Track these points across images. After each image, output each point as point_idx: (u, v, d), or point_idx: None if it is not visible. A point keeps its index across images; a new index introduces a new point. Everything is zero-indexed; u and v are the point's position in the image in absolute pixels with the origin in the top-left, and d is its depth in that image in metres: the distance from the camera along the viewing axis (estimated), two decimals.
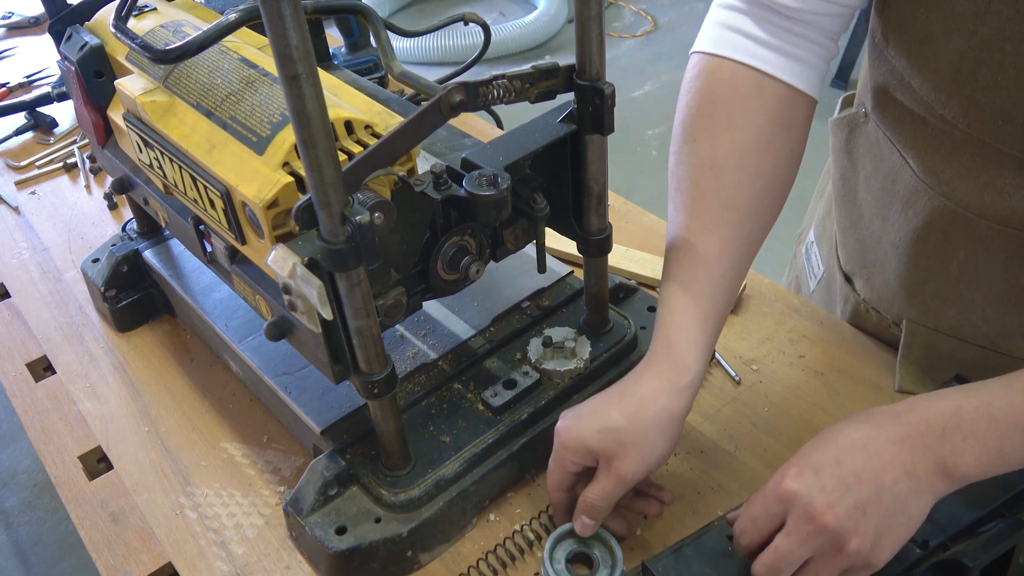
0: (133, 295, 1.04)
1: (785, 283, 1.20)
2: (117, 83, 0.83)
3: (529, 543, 0.78)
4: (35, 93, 1.47)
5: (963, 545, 0.66)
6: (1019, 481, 0.69)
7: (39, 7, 1.79)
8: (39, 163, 1.38)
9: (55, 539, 2.00)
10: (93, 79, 0.87)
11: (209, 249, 0.82)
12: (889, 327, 0.95)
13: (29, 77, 1.60)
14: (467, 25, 0.89)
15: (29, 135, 1.45)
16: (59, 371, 1.01)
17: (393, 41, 0.79)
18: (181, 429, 0.93)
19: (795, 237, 1.18)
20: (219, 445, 0.91)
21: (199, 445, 0.91)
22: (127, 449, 0.91)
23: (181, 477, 0.88)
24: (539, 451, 0.83)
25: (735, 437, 0.86)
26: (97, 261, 1.05)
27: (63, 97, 1.41)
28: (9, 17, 1.80)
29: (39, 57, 1.67)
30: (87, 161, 1.36)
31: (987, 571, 0.66)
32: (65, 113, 1.47)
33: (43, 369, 1.04)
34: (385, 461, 0.77)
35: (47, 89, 1.44)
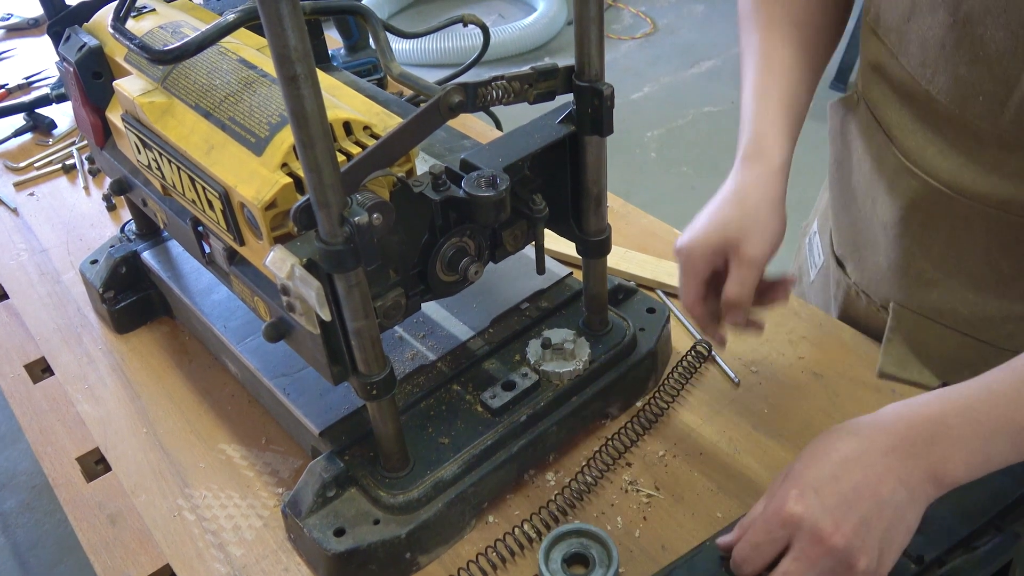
0: (132, 296, 1.04)
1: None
2: (115, 84, 0.83)
3: (529, 539, 0.78)
4: (34, 94, 1.47)
5: (960, 560, 0.66)
6: (1011, 492, 0.69)
7: (38, 8, 1.79)
8: (38, 164, 1.38)
9: (53, 541, 2.00)
10: (91, 80, 0.87)
11: (208, 250, 0.82)
12: (877, 311, 0.96)
13: (28, 78, 1.60)
14: (466, 27, 0.89)
15: (28, 136, 1.45)
16: (57, 372, 1.01)
17: (392, 43, 0.79)
18: (179, 431, 0.93)
19: (801, 229, 1.20)
20: (217, 447, 0.90)
21: (197, 447, 0.91)
22: (125, 451, 0.91)
23: (179, 479, 0.88)
24: (538, 452, 0.83)
25: (734, 439, 0.86)
26: (96, 262, 1.05)
27: (62, 98, 1.42)
28: (8, 19, 1.80)
29: (38, 58, 1.67)
30: (86, 162, 1.36)
31: None
32: (64, 114, 1.46)
33: (41, 370, 1.04)
34: (384, 463, 0.77)
35: (46, 90, 1.44)
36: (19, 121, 1.45)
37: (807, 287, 1.12)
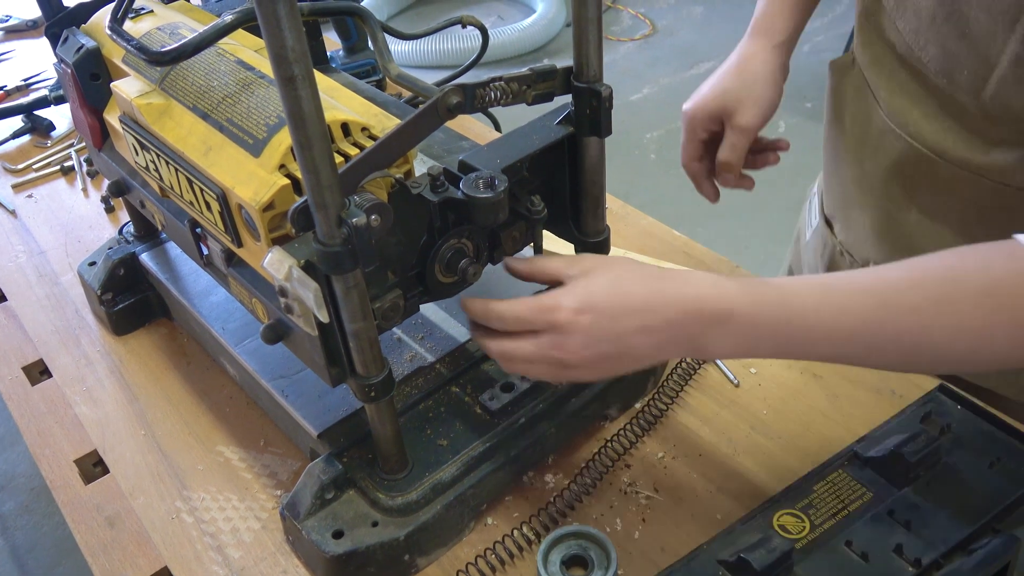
0: (130, 298, 1.04)
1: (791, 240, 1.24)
2: (113, 85, 0.83)
3: (528, 542, 0.78)
4: (32, 96, 1.47)
5: (957, 563, 0.65)
6: (1008, 494, 0.69)
7: (36, 10, 1.78)
8: (36, 166, 1.38)
9: (52, 543, 1.99)
10: (89, 82, 0.87)
11: (206, 252, 0.82)
12: None
13: (26, 80, 1.60)
14: (465, 28, 0.89)
15: (26, 138, 1.45)
16: (55, 375, 1.01)
17: (391, 44, 0.79)
18: (178, 433, 0.92)
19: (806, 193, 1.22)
20: (216, 449, 0.90)
21: (196, 449, 0.90)
22: (123, 453, 0.91)
23: (177, 481, 0.87)
24: (537, 454, 0.82)
25: (734, 440, 0.86)
26: (94, 264, 1.05)
27: (60, 100, 1.41)
28: (6, 20, 1.80)
29: (36, 60, 1.67)
30: (84, 164, 1.36)
31: None
32: (62, 116, 1.46)
33: (39, 373, 1.03)
34: (382, 465, 0.77)
35: (44, 92, 1.44)
36: (17, 123, 1.45)
37: (803, 247, 1.14)
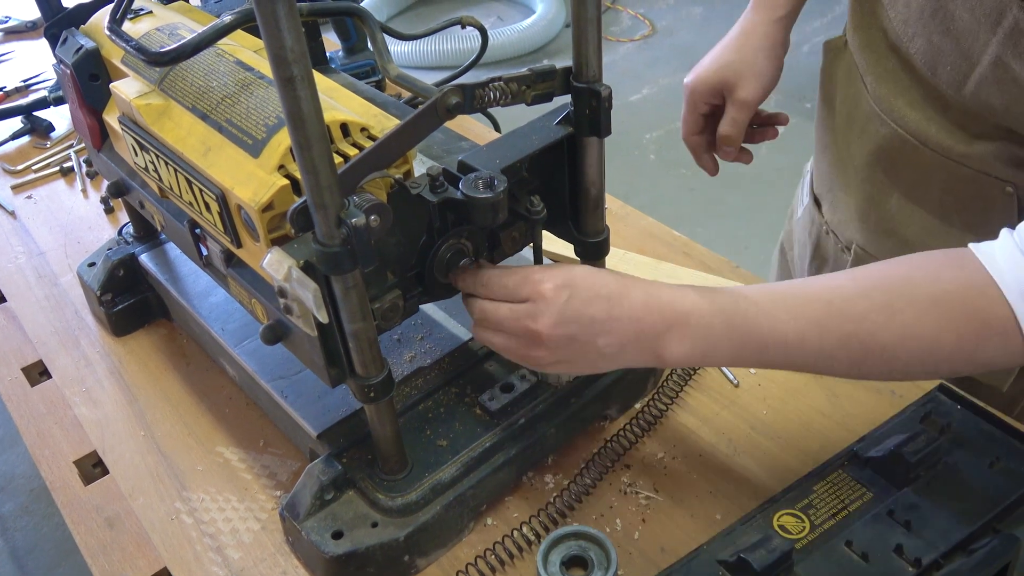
0: (129, 299, 1.04)
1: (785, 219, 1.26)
2: (112, 86, 0.83)
3: (528, 542, 0.78)
4: (32, 97, 1.48)
5: (957, 563, 0.65)
6: (1008, 494, 0.69)
7: (36, 11, 1.78)
8: (35, 167, 1.38)
9: (51, 544, 1.99)
10: (88, 82, 0.87)
11: (205, 253, 0.82)
12: (842, 252, 1.01)
13: (26, 81, 1.60)
14: (464, 29, 0.89)
15: (26, 139, 1.45)
16: (55, 376, 1.01)
17: (390, 45, 0.79)
18: (177, 434, 0.92)
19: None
20: (215, 449, 0.90)
21: (195, 450, 0.90)
22: (123, 454, 0.91)
23: (177, 482, 0.87)
24: (537, 455, 0.82)
25: (733, 440, 0.86)
26: (93, 265, 1.05)
27: (59, 101, 1.41)
28: (6, 22, 1.80)
29: (36, 61, 1.67)
30: (83, 165, 1.36)
31: None
32: (61, 117, 1.46)
33: (39, 374, 1.03)
34: (382, 465, 0.77)
35: (43, 93, 1.44)
36: (17, 124, 1.45)
37: (795, 223, 1.15)
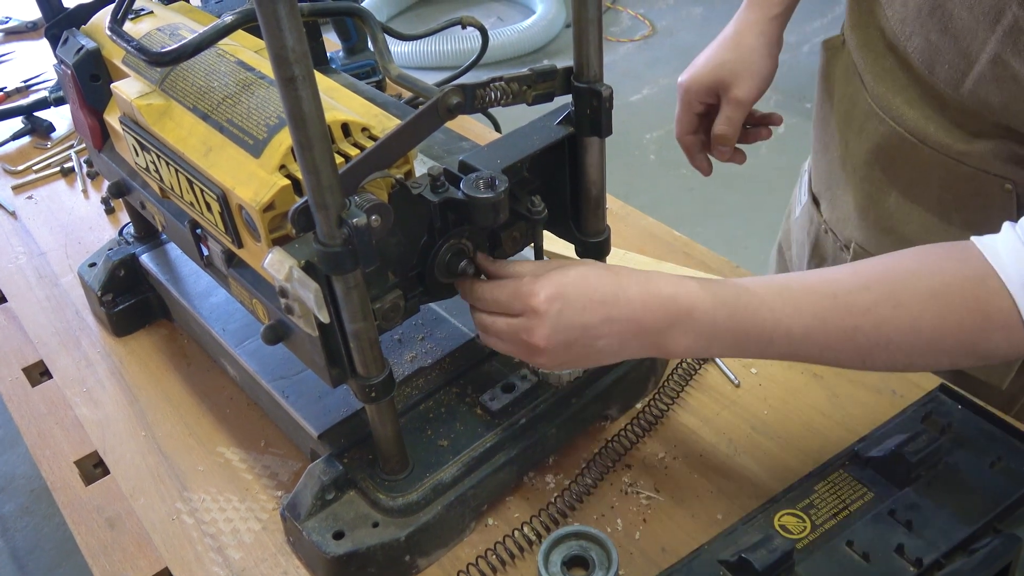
0: (130, 299, 1.04)
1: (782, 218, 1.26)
2: (113, 86, 0.83)
3: (529, 542, 0.78)
4: (32, 98, 1.48)
5: (959, 563, 0.65)
6: (1009, 494, 0.69)
7: (36, 11, 1.78)
8: (36, 168, 1.38)
9: (52, 545, 1.99)
10: (89, 83, 0.87)
11: (206, 253, 0.82)
12: (841, 251, 1.00)
13: (26, 82, 1.60)
14: (465, 29, 0.89)
15: (26, 140, 1.45)
16: (55, 376, 1.01)
17: (391, 45, 0.79)
18: (178, 434, 0.92)
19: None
20: (216, 450, 0.90)
21: (196, 450, 0.90)
22: (124, 454, 0.91)
23: (178, 482, 0.87)
24: (538, 455, 0.82)
25: (734, 440, 0.86)
26: (94, 265, 1.05)
27: (60, 101, 1.41)
28: (7, 22, 1.80)
29: (36, 61, 1.67)
30: (84, 165, 1.36)
31: None
32: (62, 117, 1.46)
33: (39, 374, 1.03)
34: (383, 465, 0.77)
35: (44, 94, 1.44)
36: (17, 124, 1.45)
37: (793, 223, 1.15)
